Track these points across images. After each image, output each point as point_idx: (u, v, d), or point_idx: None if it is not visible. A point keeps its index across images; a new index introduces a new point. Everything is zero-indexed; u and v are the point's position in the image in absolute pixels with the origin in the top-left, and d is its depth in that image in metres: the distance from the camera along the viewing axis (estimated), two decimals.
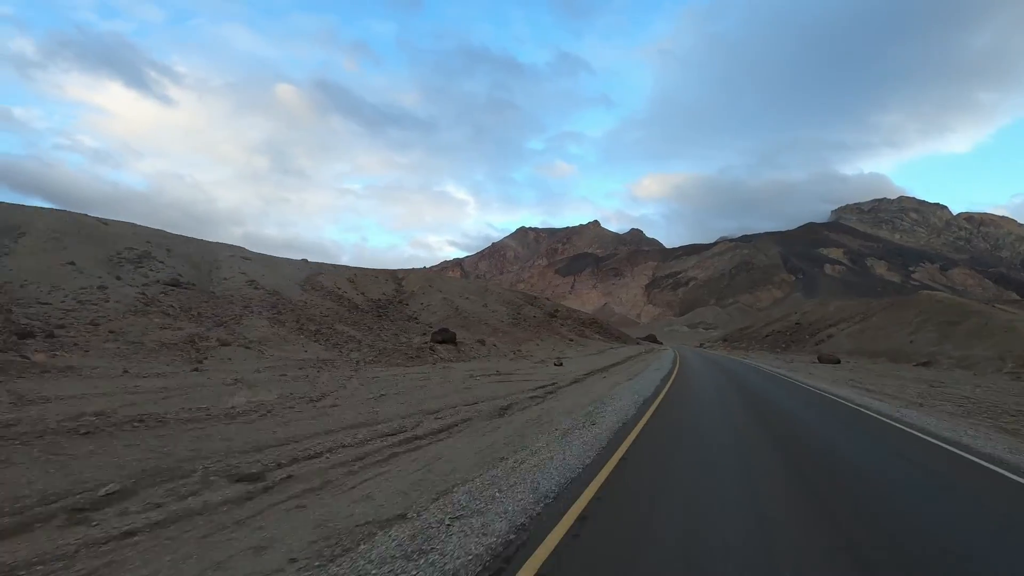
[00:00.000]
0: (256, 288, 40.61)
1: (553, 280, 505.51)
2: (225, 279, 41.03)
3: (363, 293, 57.67)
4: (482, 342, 33.74)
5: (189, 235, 58.61)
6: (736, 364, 36.63)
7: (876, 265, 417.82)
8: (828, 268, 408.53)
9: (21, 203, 48.51)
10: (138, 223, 47.10)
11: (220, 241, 54.29)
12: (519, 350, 37.76)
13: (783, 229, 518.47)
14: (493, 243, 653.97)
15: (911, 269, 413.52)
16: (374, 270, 70.72)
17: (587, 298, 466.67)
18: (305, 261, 63.92)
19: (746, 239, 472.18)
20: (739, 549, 4.23)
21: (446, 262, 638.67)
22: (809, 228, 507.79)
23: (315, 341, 31.03)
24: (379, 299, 57.89)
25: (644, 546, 4.24)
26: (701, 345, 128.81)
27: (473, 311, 56.97)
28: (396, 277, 69.61)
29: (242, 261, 47.48)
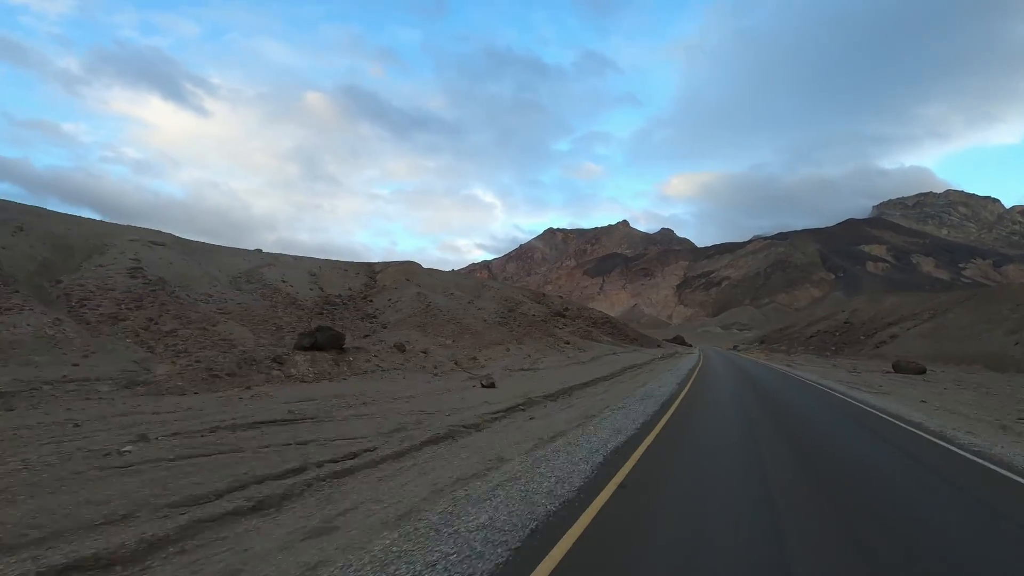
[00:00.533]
0: (134, 278, 30.87)
1: (581, 281, 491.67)
2: (99, 266, 31.48)
3: (321, 288, 48.06)
4: (400, 347, 23.03)
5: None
6: (783, 380, 25.08)
7: (923, 262, 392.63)
8: (871, 266, 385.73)
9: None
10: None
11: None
12: (475, 358, 26.99)
13: (821, 226, 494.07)
14: (521, 245, 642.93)
15: (961, 266, 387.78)
16: (346, 263, 60.89)
17: (616, 299, 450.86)
18: (259, 252, 54.68)
19: (782, 237, 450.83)
20: None
21: (474, 264, 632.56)
22: (849, 224, 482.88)
23: (144, 345, 20.93)
24: (337, 295, 48.16)
25: None
26: (735, 347, 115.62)
27: (450, 309, 46.61)
28: (372, 270, 59.62)
29: (146, 247, 37.93)
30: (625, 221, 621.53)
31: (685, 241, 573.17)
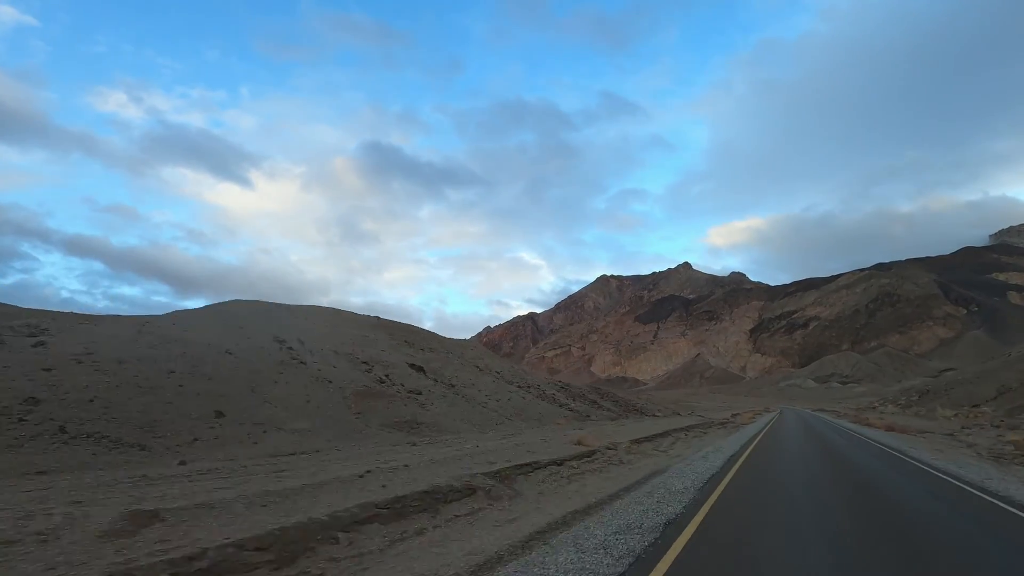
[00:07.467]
0: None
1: (632, 329, 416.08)
2: None
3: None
4: None
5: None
6: None
7: None
8: (1014, 296, 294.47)
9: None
10: None
11: None
12: None
13: (925, 255, 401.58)
14: (571, 295, 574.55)
15: None
16: None
17: (674, 348, 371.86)
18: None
19: (882, 267, 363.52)
20: None
21: (518, 317, 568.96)
22: (968, 252, 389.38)
23: None
24: None
25: None
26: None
27: None
28: None
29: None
30: (687, 263, 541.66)
31: (758, 284, 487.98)
